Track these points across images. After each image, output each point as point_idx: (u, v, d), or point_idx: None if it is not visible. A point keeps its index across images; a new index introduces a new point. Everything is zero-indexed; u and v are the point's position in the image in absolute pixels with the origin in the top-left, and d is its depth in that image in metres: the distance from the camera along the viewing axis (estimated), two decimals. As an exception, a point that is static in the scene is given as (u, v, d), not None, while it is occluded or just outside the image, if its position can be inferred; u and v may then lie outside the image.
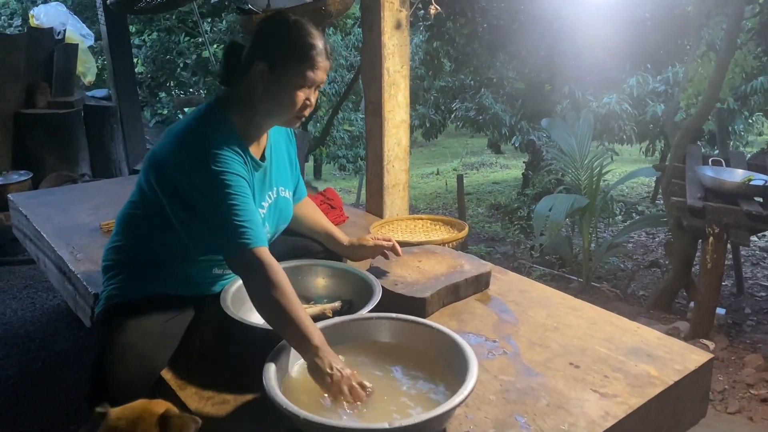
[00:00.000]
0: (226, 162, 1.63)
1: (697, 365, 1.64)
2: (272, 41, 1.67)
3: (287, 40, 1.66)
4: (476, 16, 6.83)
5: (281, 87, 1.67)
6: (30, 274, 4.39)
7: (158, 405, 1.26)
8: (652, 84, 8.31)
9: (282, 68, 1.65)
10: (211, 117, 1.72)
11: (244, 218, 1.59)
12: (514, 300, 2.07)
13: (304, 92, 1.68)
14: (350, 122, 13.10)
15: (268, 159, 1.86)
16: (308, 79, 1.67)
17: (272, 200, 1.88)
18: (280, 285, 1.54)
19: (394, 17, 2.86)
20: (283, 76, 1.66)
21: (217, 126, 1.70)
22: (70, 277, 2.47)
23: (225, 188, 1.60)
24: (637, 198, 9.90)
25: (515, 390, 1.54)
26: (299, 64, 1.65)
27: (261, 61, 1.66)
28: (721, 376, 3.38)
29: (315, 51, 1.66)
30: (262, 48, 1.68)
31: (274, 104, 1.71)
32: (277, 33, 1.68)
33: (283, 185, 1.94)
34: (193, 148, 1.64)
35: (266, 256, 1.58)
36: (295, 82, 1.66)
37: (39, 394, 2.88)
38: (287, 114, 1.73)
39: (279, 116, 1.76)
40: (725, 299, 4.85)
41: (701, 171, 3.91)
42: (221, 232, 1.60)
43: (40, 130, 5.42)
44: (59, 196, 3.51)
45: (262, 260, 1.57)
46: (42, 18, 6.03)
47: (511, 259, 6.49)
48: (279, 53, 1.66)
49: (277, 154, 1.93)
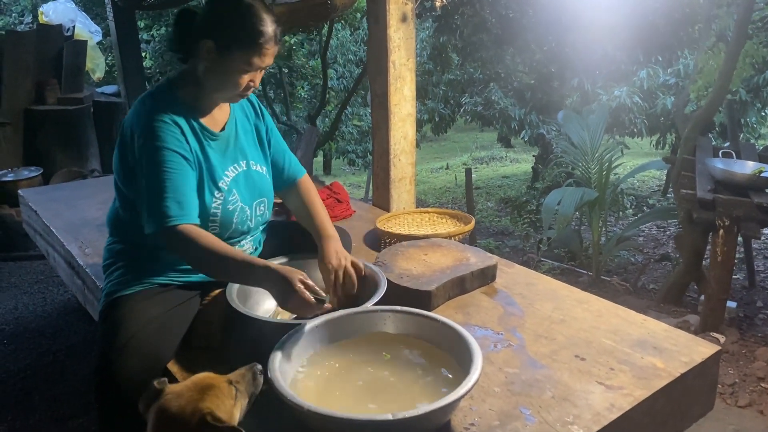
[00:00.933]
0: (161, 137, 1.66)
1: (704, 357, 1.62)
2: (222, 22, 1.67)
3: (237, 23, 1.65)
4: (484, 7, 6.79)
5: (226, 68, 1.69)
6: (40, 269, 4.43)
7: (210, 395, 1.23)
8: (663, 77, 8.24)
9: (228, 51, 1.66)
10: (156, 95, 1.76)
11: (169, 194, 1.63)
12: (520, 293, 2.06)
13: (248, 75, 1.70)
14: (359, 117, 13.09)
15: (232, 131, 1.87)
16: (253, 65, 1.68)
17: (240, 171, 1.86)
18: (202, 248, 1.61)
19: (400, 10, 2.85)
20: (229, 59, 1.67)
21: (159, 102, 1.73)
22: (78, 271, 2.49)
23: (156, 164, 1.65)
24: (648, 191, 9.83)
25: (520, 382, 1.54)
26: (246, 50, 1.66)
27: (209, 39, 1.66)
28: (732, 370, 3.36)
29: (263, 38, 1.66)
30: (212, 26, 1.68)
31: (217, 82, 1.73)
32: (228, 14, 1.67)
33: (253, 159, 1.92)
34: (136, 126, 1.69)
35: (187, 233, 1.62)
36: (240, 66, 1.68)
37: (50, 386, 2.91)
38: (230, 93, 1.75)
39: (222, 93, 1.77)
40: (737, 292, 4.81)
41: (711, 163, 3.88)
42: (148, 207, 1.65)
43: (49, 127, 5.46)
44: (69, 192, 3.54)
45: (182, 237, 1.62)
46: (51, 15, 6.06)
47: (520, 253, 6.47)
48: (227, 35, 1.66)
49: (244, 130, 1.93)
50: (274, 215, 2.95)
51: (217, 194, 1.78)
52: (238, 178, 1.85)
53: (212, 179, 1.78)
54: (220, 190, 1.79)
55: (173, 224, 1.62)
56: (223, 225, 1.82)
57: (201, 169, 1.75)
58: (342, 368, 1.53)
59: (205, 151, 1.77)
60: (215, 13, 1.70)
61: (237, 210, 1.84)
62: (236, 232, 1.87)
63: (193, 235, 1.63)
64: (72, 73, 5.88)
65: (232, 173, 1.84)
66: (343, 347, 1.59)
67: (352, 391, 1.46)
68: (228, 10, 1.68)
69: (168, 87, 1.79)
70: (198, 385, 1.25)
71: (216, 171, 1.79)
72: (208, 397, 1.23)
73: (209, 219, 1.78)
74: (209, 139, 1.80)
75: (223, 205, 1.80)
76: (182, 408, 1.20)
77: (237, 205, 1.83)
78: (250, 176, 1.89)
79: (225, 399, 1.26)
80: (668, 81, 8.21)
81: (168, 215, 1.62)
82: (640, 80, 8.20)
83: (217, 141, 1.82)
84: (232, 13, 1.66)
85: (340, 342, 1.60)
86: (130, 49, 5.94)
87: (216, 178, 1.78)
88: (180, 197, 1.65)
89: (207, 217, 1.77)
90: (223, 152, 1.84)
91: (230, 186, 1.82)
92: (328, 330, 1.59)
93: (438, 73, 10.51)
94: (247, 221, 1.89)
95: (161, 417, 1.20)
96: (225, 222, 1.82)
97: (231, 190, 1.82)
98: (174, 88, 1.78)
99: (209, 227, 1.79)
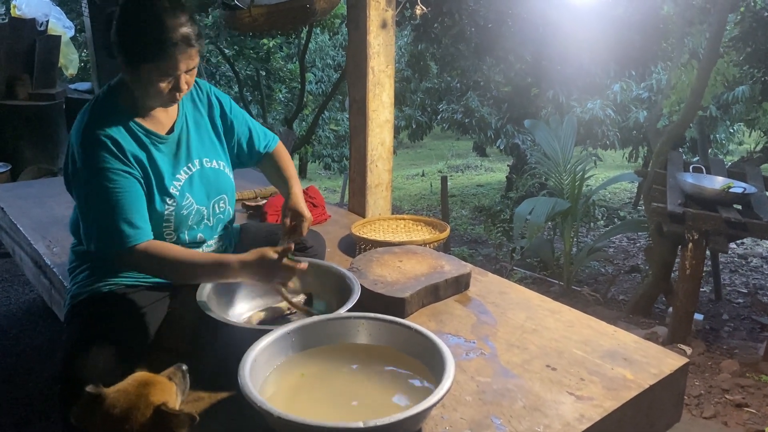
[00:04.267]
0: (102, 157, 1.61)
1: (673, 369, 1.65)
2: (126, 35, 1.60)
3: (141, 35, 1.57)
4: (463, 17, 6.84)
5: (141, 79, 1.62)
6: (5, 267, 4.32)
7: (155, 389, 1.24)
8: (636, 91, 8.40)
9: (136, 65, 1.59)
10: (96, 107, 1.70)
11: (119, 215, 1.60)
12: (493, 302, 2.07)
13: (168, 82, 1.62)
14: (336, 122, 13.09)
15: (182, 130, 1.81)
16: (167, 72, 1.60)
17: (193, 171, 1.81)
18: (168, 262, 1.62)
19: (380, 16, 2.85)
20: (142, 72, 1.60)
21: (100, 114, 1.67)
22: (45, 271, 2.44)
23: (100, 186, 1.61)
24: (619, 203, 9.98)
25: (492, 391, 1.54)
26: (153, 61, 1.57)
27: (119, 54, 1.62)
28: (698, 381, 3.41)
29: (169, 45, 1.56)
30: (119, 40, 1.61)
31: (140, 92, 1.68)
32: (129, 29, 1.59)
33: (207, 156, 1.86)
34: (75, 144, 1.64)
35: (147, 251, 1.62)
36: (155, 77, 1.60)
37: (12, 388, 2.83)
38: (158, 101, 1.70)
39: (151, 102, 1.71)
40: (703, 305, 4.90)
41: (682, 177, 3.95)
42: (97, 229, 1.63)
43: (19, 122, 5.34)
44: (37, 189, 3.47)
45: (143, 256, 1.62)
46: (24, 9, 5.94)
47: (493, 261, 6.52)
48: (133, 50, 1.59)
49: (197, 126, 1.86)
50: (248, 218, 2.93)
51: (168, 201, 1.73)
52: (191, 180, 1.79)
53: (162, 186, 1.72)
54: (171, 197, 1.74)
55: (130, 245, 1.60)
56: (178, 229, 1.78)
57: (149, 178, 1.70)
58: (314, 375, 1.52)
59: (152, 158, 1.71)
60: (119, 26, 1.61)
61: (192, 213, 1.79)
62: (194, 234, 1.83)
63: (154, 251, 1.62)
64: (44, 69, 5.77)
65: (185, 175, 1.78)
66: (315, 354, 1.58)
67: (324, 398, 1.45)
68: (131, 21, 1.60)
69: (108, 96, 1.72)
70: (141, 382, 1.25)
71: (165, 177, 1.73)
72: (156, 392, 1.24)
73: (163, 225, 1.74)
74: (157, 143, 1.73)
75: (177, 210, 1.75)
76: (133, 403, 1.20)
77: (192, 209, 1.79)
78: (205, 175, 1.83)
79: (170, 393, 1.28)
80: (641, 95, 8.37)
81: (122, 238, 1.59)
82: (614, 93, 8.35)
83: (166, 144, 1.76)
84: (136, 24, 1.59)
85: (312, 349, 1.59)
86: (105, 46, 5.84)
87: (166, 185, 1.73)
88: (130, 217, 1.61)
89: (161, 223, 1.73)
90: (174, 155, 1.78)
91: (182, 190, 1.76)
92: (300, 336, 1.58)
93: (416, 80, 10.56)
94: (203, 221, 1.84)
95: (110, 417, 1.19)
96: (179, 226, 1.78)
97: (184, 194, 1.76)
98: (114, 94, 1.72)
99: (164, 232, 1.75)
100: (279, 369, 1.52)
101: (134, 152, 1.67)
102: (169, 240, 1.77)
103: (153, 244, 1.64)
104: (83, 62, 8.49)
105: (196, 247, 1.84)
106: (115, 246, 1.61)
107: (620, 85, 8.30)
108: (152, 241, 1.64)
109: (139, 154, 1.68)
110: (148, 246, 1.62)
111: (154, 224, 1.70)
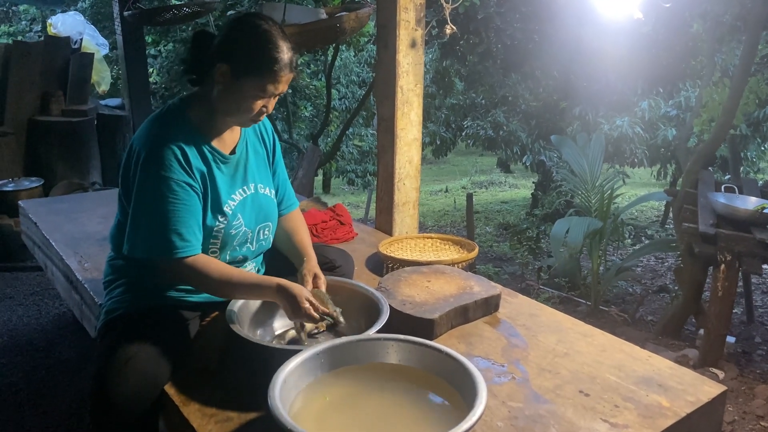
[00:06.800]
0: (167, 166, 1.65)
1: (710, 397, 1.60)
2: (239, 47, 1.66)
3: (253, 49, 1.65)
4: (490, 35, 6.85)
5: (239, 93, 1.67)
6: (37, 281, 4.39)
7: None
8: (664, 108, 8.30)
9: (243, 76, 1.65)
10: (166, 116, 1.75)
11: (173, 226, 1.64)
12: (523, 324, 2.04)
13: (262, 101, 1.69)
14: (360, 138, 13.14)
15: (242, 154, 1.86)
16: (267, 91, 1.67)
17: (248, 194, 1.86)
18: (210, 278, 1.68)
19: (410, 36, 2.87)
20: (243, 84, 1.66)
21: (170, 125, 1.72)
22: (77, 286, 2.47)
23: (161, 194, 1.64)
24: (647, 222, 9.84)
25: (524, 417, 1.51)
26: (260, 77, 1.65)
27: (224, 63, 1.66)
28: (731, 407, 3.32)
29: (278, 65, 1.65)
30: (228, 51, 1.67)
31: (230, 106, 1.72)
32: (245, 40, 1.67)
33: (262, 183, 1.91)
34: (142, 149, 1.68)
35: (193, 265, 1.66)
36: (253, 92, 1.67)
37: (41, 402, 2.86)
38: (242, 118, 1.75)
39: (235, 118, 1.76)
40: (735, 327, 4.78)
41: (714, 197, 3.88)
42: (147, 237, 1.66)
43: (52, 138, 5.45)
44: (69, 204, 3.52)
45: (189, 270, 1.67)
46: (59, 27, 6.09)
47: (519, 279, 6.45)
48: (243, 61, 1.65)
49: (255, 153, 1.92)
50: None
51: (220, 218, 1.77)
52: (245, 202, 1.84)
53: (217, 204, 1.77)
54: (224, 215, 1.78)
55: (179, 257, 1.65)
56: (223, 247, 1.82)
57: (206, 193, 1.74)
58: (343, 397, 1.51)
59: (212, 175, 1.76)
60: (232, 37, 1.69)
61: (239, 234, 1.83)
62: (235, 254, 1.86)
63: (199, 266, 1.67)
64: (77, 85, 5.90)
65: (240, 197, 1.83)
66: (344, 375, 1.57)
67: (353, 422, 1.43)
68: (245, 35, 1.67)
69: (179, 108, 1.78)
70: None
71: (222, 196, 1.77)
72: None
73: (210, 241, 1.78)
74: (219, 162, 1.79)
75: (226, 229, 1.79)
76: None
77: (240, 229, 1.83)
78: (258, 200, 1.89)
79: None
80: (669, 113, 8.27)
81: (169, 248, 1.64)
82: (642, 111, 8.26)
83: (228, 164, 1.81)
84: (250, 38, 1.66)
85: (341, 369, 1.58)
86: (137, 64, 5.96)
87: (221, 203, 1.77)
88: (182, 229, 1.65)
89: (209, 239, 1.77)
90: (232, 175, 1.83)
91: (235, 210, 1.81)
92: (329, 357, 1.57)
93: (440, 96, 10.57)
94: (247, 244, 1.88)
95: None
96: (225, 244, 1.82)
97: (236, 215, 1.81)
98: (185, 109, 1.77)
99: (209, 247, 1.78)
100: (308, 390, 1.50)
101: (198, 166, 1.72)
102: (213, 257, 1.80)
103: (198, 258, 1.68)
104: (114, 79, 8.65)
105: (237, 265, 1.88)
106: (161, 254, 1.65)
107: (648, 103, 8.21)
108: (198, 255, 1.68)
109: (202, 169, 1.73)
110: (195, 260, 1.67)
111: (202, 239, 1.73)
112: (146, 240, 1.67)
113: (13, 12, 11.02)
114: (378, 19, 2.94)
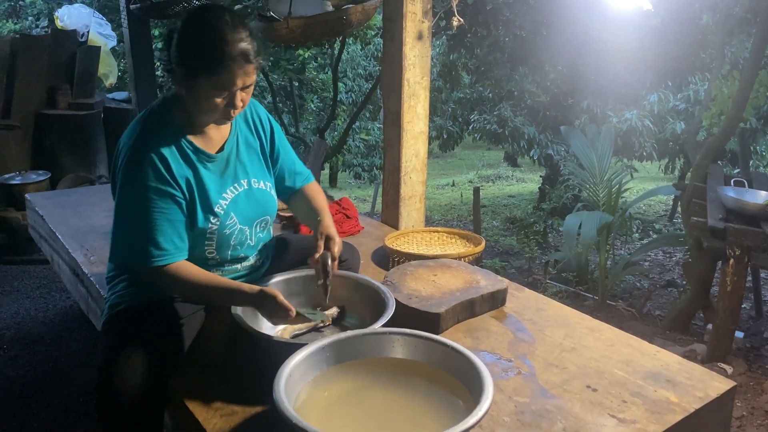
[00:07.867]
0: (146, 174, 1.62)
1: (719, 393, 1.58)
2: (187, 47, 1.60)
3: (199, 47, 1.57)
4: (499, 27, 6.79)
5: (198, 94, 1.62)
6: (44, 274, 4.41)
7: None
8: (673, 102, 8.24)
9: (197, 76, 1.59)
10: (150, 118, 1.72)
11: (151, 234, 1.62)
12: (530, 318, 2.02)
13: (222, 99, 1.61)
14: (367, 131, 13.12)
15: (232, 150, 1.82)
16: (224, 88, 1.59)
17: (240, 191, 1.81)
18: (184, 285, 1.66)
19: (416, 28, 2.84)
20: (198, 84, 1.59)
21: (154, 127, 1.69)
22: (83, 279, 2.47)
23: (139, 201, 1.63)
24: (655, 216, 9.79)
25: (530, 412, 1.50)
26: (211, 74, 1.57)
27: (178, 66, 1.62)
28: (739, 402, 3.30)
29: (228, 60, 1.55)
30: (179, 52, 1.61)
31: (194, 108, 1.68)
32: (192, 38, 1.59)
33: (256, 177, 1.87)
34: (125, 152, 1.67)
35: (170, 272, 1.65)
36: (210, 91, 1.59)
37: (47, 395, 2.87)
38: (210, 117, 1.69)
39: (204, 117, 1.71)
40: (743, 322, 4.75)
41: (723, 192, 3.84)
42: (123, 246, 1.67)
43: (59, 131, 5.46)
44: (76, 198, 3.53)
45: (167, 277, 1.66)
46: (66, 20, 6.10)
47: (525, 273, 6.43)
48: (192, 60, 1.59)
49: (247, 146, 1.87)
50: (282, 228, 2.94)
51: (212, 219, 1.74)
52: (237, 199, 1.80)
53: (207, 205, 1.73)
54: (215, 215, 1.74)
55: (156, 265, 1.64)
56: (219, 247, 1.79)
57: (193, 196, 1.71)
58: (348, 391, 1.50)
59: (199, 177, 1.72)
60: (181, 37, 1.61)
61: (235, 232, 1.80)
62: (236, 253, 1.84)
63: (177, 273, 1.66)
64: (84, 79, 5.90)
65: (231, 194, 1.79)
66: (349, 369, 1.56)
67: (358, 417, 1.42)
68: (192, 33, 1.60)
69: (162, 108, 1.74)
70: None
71: (211, 196, 1.74)
72: None
73: (205, 243, 1.76)
74: (206, 162, 1.74)
75: (220, 229, 1.76)
76: None
77: (235, 228, 1.79)
78: (252, 195, 1.84)
79: None
80: (678, 106, 8.20)
81: (145, 256, 1.63)
82: (650, 104, 8.20)
83: (215, 162, 1.77)
84: (196, 36, 1.58)
85: (346, 363, 1.57)
86: (143, 57, 5.95)
87: (211, 204, 1.73)
88: (159, 238, 1.63)
89: (203, 241, 1.75)
90: (222, 173, 1.78)
91: (227, 209, 1.77)
92: (335, 351, 1.56)
93: (447, 90, 10.53)
94: (246, 241, 1.86)
95: None
96: (222, 244, 1.79)
97: (228, 214, 1.77)
98: (168, 108, 1.73)
99: (205, 249, 1.77)
100: (313, 384, 1.50)
101: (181, 172, 1.68)
102: (211, 257, 1.79)
103: (177, 266, 1.66)
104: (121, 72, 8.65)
105: (237, 262, 1.86)
106: (137, 262, 1.65)
107: (657, 96, 8.15)
108: (178, 263, 1.67)
109: (186, 174, 1.69)
110: (172, 268, 1.65)
111: (196, 242, 1.72)
112: (125, 248, 1.68)
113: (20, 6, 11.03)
114: (384, 11, 2.92)
